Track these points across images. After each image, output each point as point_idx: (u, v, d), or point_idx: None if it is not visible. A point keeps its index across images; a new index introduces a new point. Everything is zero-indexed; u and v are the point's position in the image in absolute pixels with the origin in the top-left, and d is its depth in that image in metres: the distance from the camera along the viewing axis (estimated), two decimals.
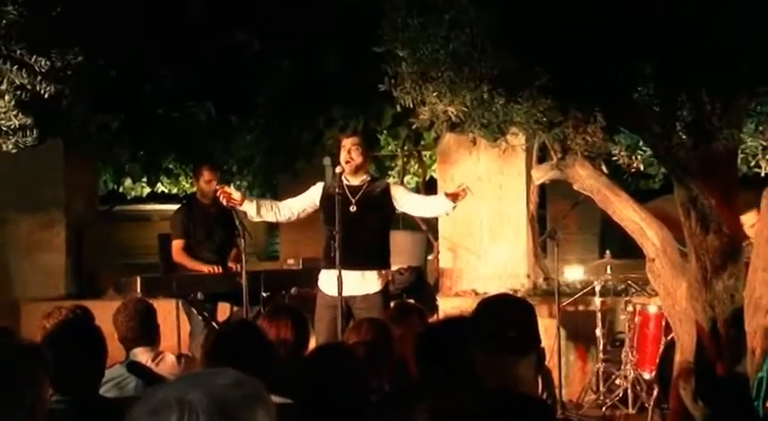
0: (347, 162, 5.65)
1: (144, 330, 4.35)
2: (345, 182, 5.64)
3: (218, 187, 5.89)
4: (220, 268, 6.79)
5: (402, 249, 7.37)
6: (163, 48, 8.09)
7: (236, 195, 5.70)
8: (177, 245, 6.99)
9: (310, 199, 5.81)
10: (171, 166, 10.31)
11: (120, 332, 4.35)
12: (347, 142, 5.71)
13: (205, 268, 6.78)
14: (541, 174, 6.60)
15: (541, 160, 7.28)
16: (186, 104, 8.71)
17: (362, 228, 5.62)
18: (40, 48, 4.99)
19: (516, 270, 7.89)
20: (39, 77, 4.95)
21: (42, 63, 4.92)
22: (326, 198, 5.71)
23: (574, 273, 7.78)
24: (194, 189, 7.61)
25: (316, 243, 6.63)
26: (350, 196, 5.63)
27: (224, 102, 8.72)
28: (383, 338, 4.00)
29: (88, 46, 5.28)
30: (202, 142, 8.90)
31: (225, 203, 5.71)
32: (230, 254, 7.08)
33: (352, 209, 5.62)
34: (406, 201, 5.75)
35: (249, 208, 5.72)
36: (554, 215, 10.24)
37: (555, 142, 6.00)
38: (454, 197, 5.50)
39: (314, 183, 5.95)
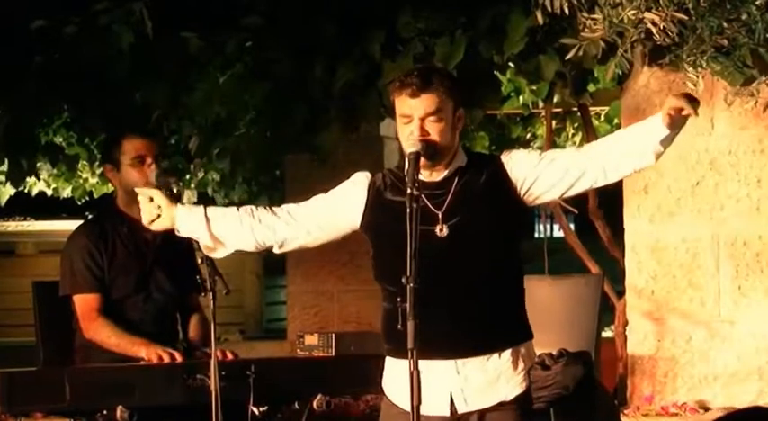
0: (422, 139, 5.59)
1: None
2: (422, 177, 5.59)
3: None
4: (171, 353, 6.95)
5: (543, 315, 7.40)
6: None
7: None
8: (85, 303, 7.20)
9: (342, 205, 5.84)
10: (59, 140, 10.49)
11: None
12: (422, 99, 5.64)
13: (144, 351, 6.95)
14: None
15: None
16: (93, 10, 8.88)
17: (464, 270, 5.70)
18: None
19: None
20: None
21: None
22: (379, 209, 5.79)
23: None
24: (108, 188, 7.74)
25: (361, 299, 6.69)
26: (432, 207, 5.65)
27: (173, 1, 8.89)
28: None
29: None
30: (126, 87, 9.06)
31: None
32: (189, 322, 7.27)
33: (441, 231, 5.65)
34: (548, 170, 5.57)
35: (201, 235, 5.92)
36: None
37: None
38: (677, 112, 5.34)
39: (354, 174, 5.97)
